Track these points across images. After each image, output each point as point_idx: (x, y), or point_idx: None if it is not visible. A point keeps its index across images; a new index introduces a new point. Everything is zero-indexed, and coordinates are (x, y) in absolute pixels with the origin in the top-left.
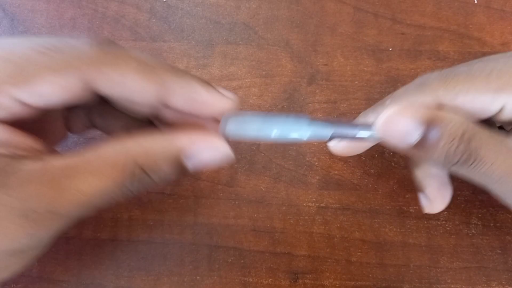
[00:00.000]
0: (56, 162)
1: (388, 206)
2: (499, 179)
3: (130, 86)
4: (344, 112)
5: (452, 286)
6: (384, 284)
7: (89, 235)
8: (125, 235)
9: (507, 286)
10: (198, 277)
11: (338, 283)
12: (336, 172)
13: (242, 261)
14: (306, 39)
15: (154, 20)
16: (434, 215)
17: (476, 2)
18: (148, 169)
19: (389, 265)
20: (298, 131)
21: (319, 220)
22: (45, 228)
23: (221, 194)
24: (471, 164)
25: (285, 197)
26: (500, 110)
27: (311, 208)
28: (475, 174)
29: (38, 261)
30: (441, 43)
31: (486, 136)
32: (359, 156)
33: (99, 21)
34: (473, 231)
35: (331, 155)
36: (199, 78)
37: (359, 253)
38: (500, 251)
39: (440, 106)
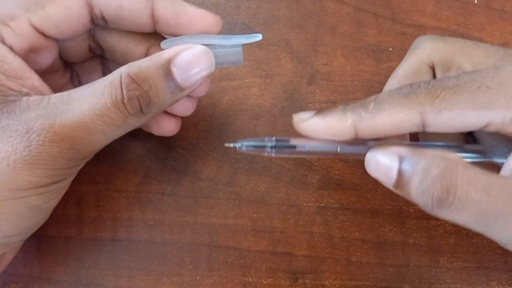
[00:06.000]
0: (54, 95)
1: (388, 206)
2: (493, 222)
3: (125, 2)
4: None
5: (452, 286)
6: (384, 284)
7: (89, 235)
8: (125, 235)
9: (507, 286)
10: (198, 277)
11: (338, 283)
12: (336, 172)
13: (242, 261)
14: (306, 39)
15: None
16: None
17: (476, 2)
18: (139, 79)
19: (389, 265)
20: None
21: (319, 220)
22: (47, 154)
23: (221, 194)
24: (451, 205)
25: (285, 197)
26: (485, 126)
27: (311, 208)
28: (460, 217)
29: (38, 261)
30: None
31: (469, 174)
32: None
33: None
34: (473, 231)
35: None
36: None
37: (359, 253)
38: (500, 251)
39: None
